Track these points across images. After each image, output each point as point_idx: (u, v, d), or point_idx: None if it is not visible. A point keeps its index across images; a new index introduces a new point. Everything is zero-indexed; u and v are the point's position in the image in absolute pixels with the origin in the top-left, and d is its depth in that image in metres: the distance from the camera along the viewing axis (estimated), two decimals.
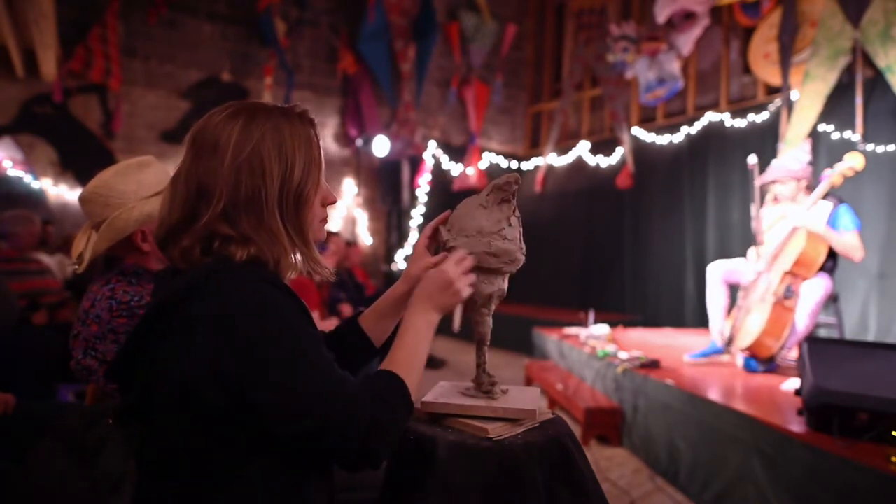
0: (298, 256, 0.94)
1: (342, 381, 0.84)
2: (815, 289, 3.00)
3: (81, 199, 1.47)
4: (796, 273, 3.05)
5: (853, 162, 3.06)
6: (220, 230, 0.86)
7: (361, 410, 0.83)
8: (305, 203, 0.92)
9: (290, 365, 0.80)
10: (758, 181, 3.43)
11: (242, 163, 0.86)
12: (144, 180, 1.46)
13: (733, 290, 3.54)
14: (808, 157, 3.28)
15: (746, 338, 3.11)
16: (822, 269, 3.10)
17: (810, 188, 3.26)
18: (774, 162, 3.46)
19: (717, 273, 3.51)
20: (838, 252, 3.07)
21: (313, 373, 0.81)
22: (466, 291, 1.05)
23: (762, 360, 3.13)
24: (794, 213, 3.17)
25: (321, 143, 0.96)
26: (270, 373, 0.79)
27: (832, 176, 3.10)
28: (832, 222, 3.08)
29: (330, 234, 4.24)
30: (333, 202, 0.99)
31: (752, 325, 3.10)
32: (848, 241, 3.02)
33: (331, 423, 0.80)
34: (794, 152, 3.38)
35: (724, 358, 3.35)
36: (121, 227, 1.42)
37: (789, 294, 3.02)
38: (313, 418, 0.79)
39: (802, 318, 2.99)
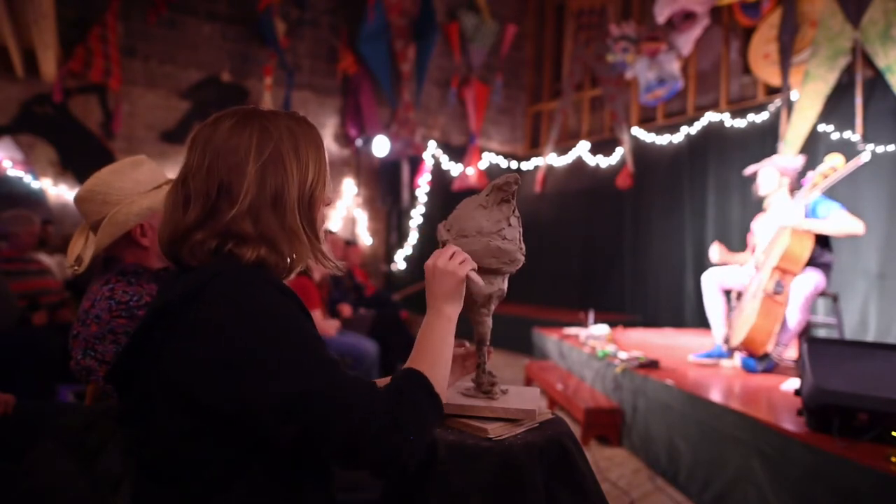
0: (309, 256, 0.95)
1: (348, 379, 0.82)
2: (804, 283, 3.03)
3: (78, 198, 1.47)
4: (784, 268, 3.09)
5: (833, 162, 3.13)
6: (241, 228, 0.87)
7: (374, 406, 0.81)
8: (317, 202, 0.94)
9: (289, 365, 0.79)
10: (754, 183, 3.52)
11: (267, 161, 0.88)
12: (140, 177, 1.48)
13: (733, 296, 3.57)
14: (799, 163, 3.38)
15: (739, 333, 3.14)
16: (818, 263, 3.14)
17: (793, 193, 3.34)
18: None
19: (713, 281, 3.55)
20: (837, 235, 3.10)
21: (314, 372, 0.80)
22: (464, 268, 1.04)
23: (757, 357, 3.15)
24: (778, 215, 3.25)
25: (325, 143, 0.99)
26: (270, 374, 0.78)
27: (814, 176, 3.17)
28: (812, 216, 3.14)
29: (327, 232, 4.23)
30: (330, 203, 1.01)
31: (744, 321, 3.14)
32: (838, 221, 3.06)
33: (338, 420, 0.78)
34: (789, 156, 3.47)
35: (728, 363, 3.36)
36: (122, 222, 1.42)
37: (779, 289, 3.06)
38: (315, 415, 0.77)
39: (794, 313, 3.02)
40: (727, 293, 3.55)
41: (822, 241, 3.17)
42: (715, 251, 3.64)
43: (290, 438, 0.78)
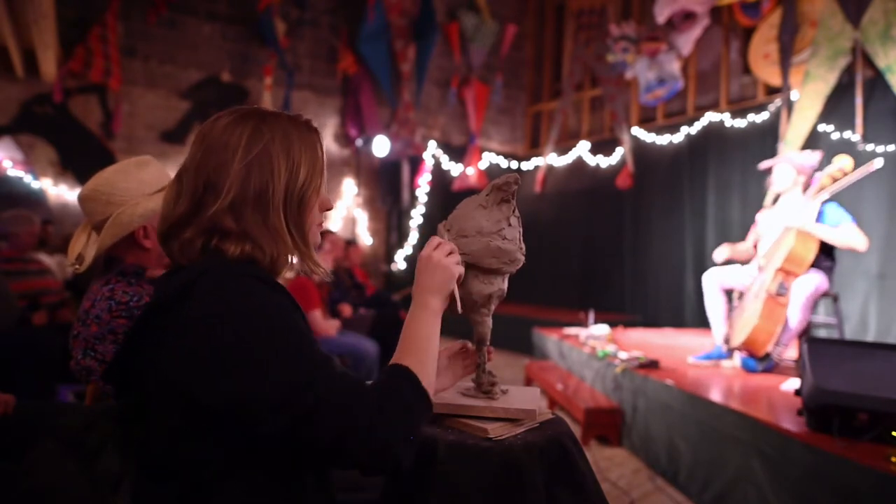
0: (295, 257, 0.95)
1: (336, 376, 0.81)
2: (805, 284, 3.02)
3: (82, 197, 1.46)
4: (788, 270, 3.07)
5: (842, 164, 3.09)
6: (223, 224, 0.87)
7: (361, 400, 0.80)
8: (307, 205, 0.94)
9: (277, 361, 0.78)
10: (764, 165, 3.46)
11: (253, 160, 0.88)
12: (145, 178, 1.47)
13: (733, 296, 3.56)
14: (816, 160, 3.28)
15: (741, 334, 3.13)
16: (819, 267, 3.12)
17: (805, 190, 3.28)
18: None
19: (714, 281, 3.53)
20: (839, 246, 3.07)
21: (301, 368, 0.79)
22: (455, 267, 1.04)
23: (757, 358, 3.14)
24: (786, 214, 3.22)
25: (325, 147, 0.99)
26: (258, 370, 0.78)
27: (822, 178, 3.14)
28: (821, 220, 3.11)
29: (327, 232, 4.24)
30: (330, 208, 1.01)
31: (746, 321, 3.13)
32: (845, 233, 3.03)
33: (323, 413, 0.77)
34: (807, 152, 3.36)
35: (727, 364, 3.35)
36: (125, 223, 1.42)
37: (782, 291, 3.04)
38: (300, 409, 0.76)
39: (795, 313, 3.01)
40: (728, 293, 3.53)
41: (826, 250, 3.13)
42: (722, 253, 3.56)
43: (279, 436, 0.78)
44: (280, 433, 0.77)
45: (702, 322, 4.91)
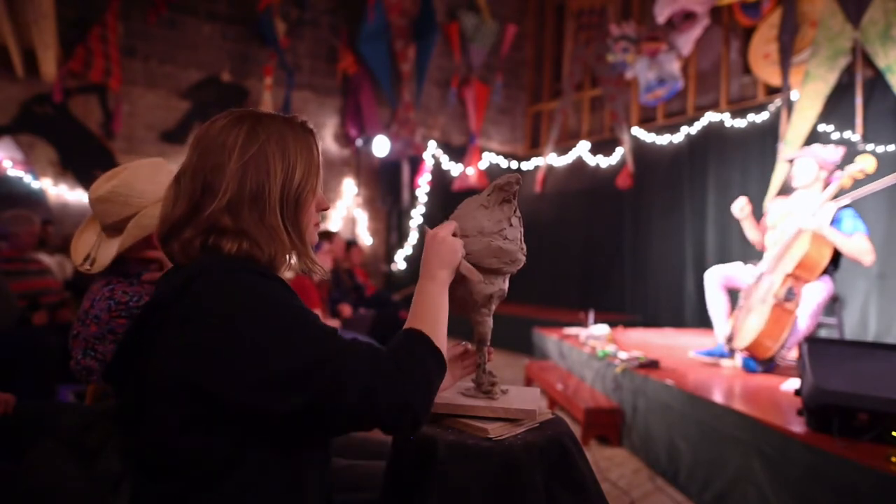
0: (293, 256, 0.97)
1: (349, 344, 0.85)
2: (816, 290, 2.99)
3: (99, 199, 1.46)
4: (798, 276, 3.01)
5: (864, 164, 3.00)
6: (221, 223, 0.88)
7: (378, 363, 0.83)
8: (303, 205, 0.95)
9: (287, 341, 0.80)
10: (784, 156, 3.34)
11: (249, 161, 0.89)
12: (162, 180, 1.49)
13: (733, 293, 3.54)
14: (839, 156, 3.17)
15: (745, 338, 3.10)
16: (826, 272, 3.08)
17: (825, 187, 3.18)
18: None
19: (715, 278, 3.51)
20: (846, 256, 3.03)
21: (313, 342, 0.82)
22: (461, 249, 1.06)
23: (761, 361, 3.12)
24: (800, 213, 3.15)
25: (321, 148, 1.00)
26: (269, 353, 0.79)
27: (842, 178, 3.05)
28: (836, 226, 3.04)
29: (329, 233, 4.25)
30: (326, 208, 1.03)
31: (752, 325, 3.09)
32: (857, 244, 2.96)
33: (344, 381, 0.80)
34: (831, 147, 3.24)
35: (728, 363, 3.34)
36: (147, 224, 1.43)
37: (790, 296, 2.99)
38: (322, 384, 0.79)
39: (803, 318, 2.98)
40: (730, 291, 3.51)
41: (835, 255, 3.08)
42: (741, 206, 3.43)
43: (300, 412, 0.80)
44: (302, 410, 0.79)
45: (702, 322, 4.92)
